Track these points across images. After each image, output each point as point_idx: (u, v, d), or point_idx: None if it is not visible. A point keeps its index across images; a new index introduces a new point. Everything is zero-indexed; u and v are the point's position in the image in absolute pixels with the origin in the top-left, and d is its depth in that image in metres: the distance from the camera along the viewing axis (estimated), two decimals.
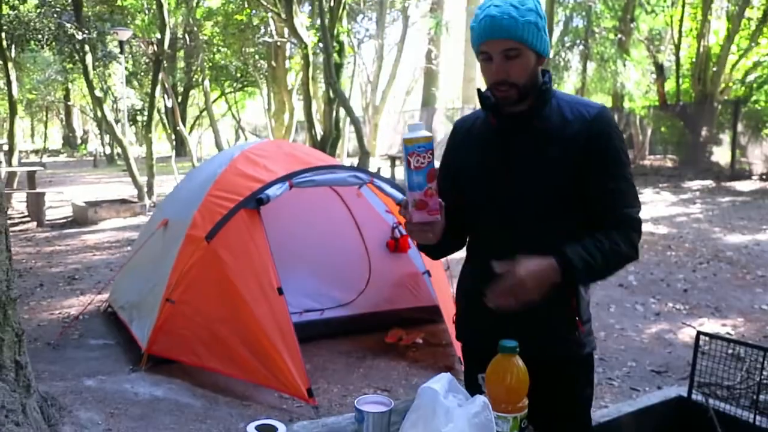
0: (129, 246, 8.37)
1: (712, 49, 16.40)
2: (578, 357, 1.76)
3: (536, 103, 1.67)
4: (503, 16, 1.55)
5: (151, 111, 12.10)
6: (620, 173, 1.66)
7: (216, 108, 29.40)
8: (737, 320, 5.23)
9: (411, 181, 1.55)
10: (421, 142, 1.53)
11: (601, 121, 1.65)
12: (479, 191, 1.75)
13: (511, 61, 1.59)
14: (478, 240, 1.81)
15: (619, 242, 1.62)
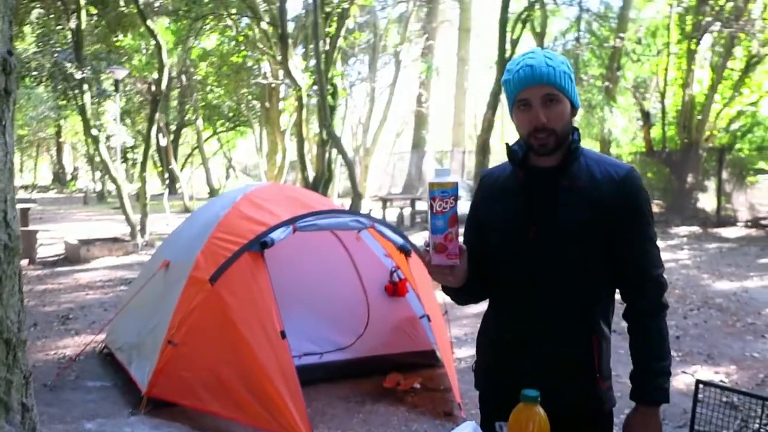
0: (122, 285, 8.36)
1: (697, 97, 16.82)
2: (598, 412, 1.79)
3: (565, 159, 1.72)
4: (541, 65, 1.65)
5: (147, 149, 12.18)
6: (647, 235, 1.72)
7: (207, 147, 29.58)
8: (730, 368, 5.29)
9: (433, 225, 1.60)
10: (446, 188, 1.59)
11: (629, 183, 1.70)
12: (503, 245, 1.79)
13: (550, 107, 1.65)
14: (502, 292, 1.84)
15: (660, 325, 1.73)
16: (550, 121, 1.66)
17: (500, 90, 14.99)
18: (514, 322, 1.80)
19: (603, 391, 1.77)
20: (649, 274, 1.72)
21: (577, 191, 1.71)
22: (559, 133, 1.67)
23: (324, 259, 5.33)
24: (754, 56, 15.72)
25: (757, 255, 11.02)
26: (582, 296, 1.71)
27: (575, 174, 1.72)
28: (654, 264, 1.73)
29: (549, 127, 1.66)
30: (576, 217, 1.69)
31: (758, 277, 8.98)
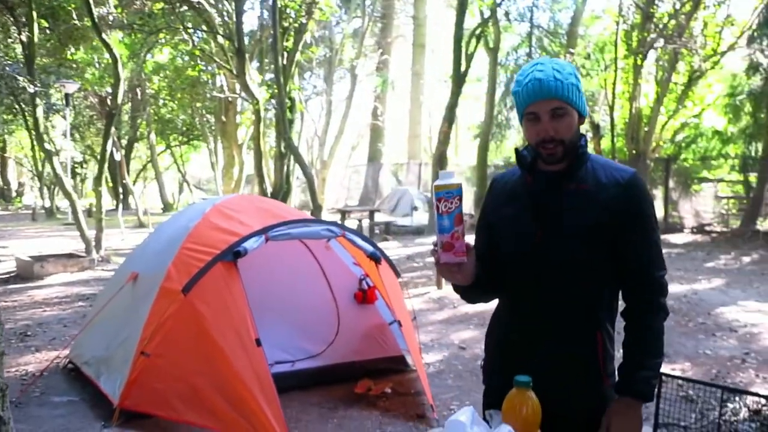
0: (80, 301, 8.21)
1: (643, 110, 17.45)
2: (602, 409, 1.82)
3: (573, 164, 1.77)
4: (549, 78, 1.69)
5: (102, 164, 11.97)
6: (651, 238, 1.77)
7: (160, 161, 29.16)
8: (685, 365, 5.53)
9: (439, 225, 1.67)
10: (450, 189, 1.65)
11: (634, 187, 1.76)
12: (510, 247, 1.85)
13: (558, 119, 1.71)
14: (509, 293, 1.90)
15: (656, 324, 1.78)
16: (558, 133, 1.72)
17: (456, 103, 15.30)
18: (520, 323, 1.86)
19: (607, 388, 1.82)
20: (650, 275, 1.77)
21: (583, 195, 1.76)
22: (567, 143, 1.73)
23: (294, 268, 5.38)
24: (696, 71, 16.42)
25: (704, 259, 11.49)
26: (586, 296, 1.77)
27: (582, 178, 1.78)
28: (656, 266, 1.78)
29: (557, 138, 1.72)
30: (581, 220, 1.74)
31: (706, 279, 9.37)
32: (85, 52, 16.69)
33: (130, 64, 18.50)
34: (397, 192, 21.60)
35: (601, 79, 18.20)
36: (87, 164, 30.97)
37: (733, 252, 12.36)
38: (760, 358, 5.71)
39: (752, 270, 10.30)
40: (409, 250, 13.06)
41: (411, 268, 10.42)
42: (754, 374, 5.30)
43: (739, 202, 16.65)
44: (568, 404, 1.79)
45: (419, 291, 8.41)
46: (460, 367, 5.53)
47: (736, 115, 17.76)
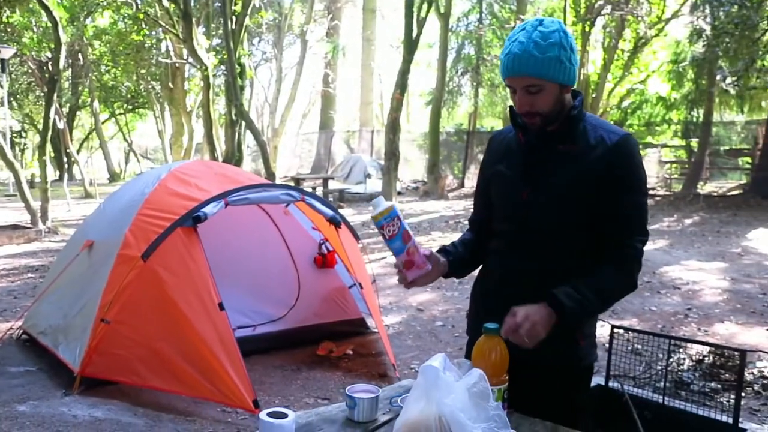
0: (29, 272, 8.01)
1: (591, 77, 17.79)
2: (578, 367, 1.87)
3: (564, 125, 1.77)
4: (524, 54, 1.65)
5: (45, 133, 11.55)
6: (635, 200, 1.73)
7: (105, 130, 28.29)
8: (632, 321, 5.79)
9: (392, 248, 1.75)
10: (386, 213, 1.72)
11: (620, 149, 1.73)
12: (501, 200, 1.89)
13: (533, 95, 1.69)
14: (497, 245, 1.93)
15: (615, 279, 1.73)
16: (534, 107, 1.71)
17: (408, 69, 15.28)
18: (501, 276, 1.90)
19: (581, 347, 1.84)
20: (626, 242, 1.74)
21: (571, 156, 1.76)
22: (545, 114, 1.72)
23: (253, 233, 5.37)
24: (642, 38, 16.80)
25: (648, 222, 11.89)
26: (567, 258, 1.78)
27: (573, 139, 1.77)
28: (637, 231, 1.74)
29: (534, 111, 1.72)
30: (566, 181, 1.74)
31: (650, 241, 9.61)
32: (21, 14, 15.93)
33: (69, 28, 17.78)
34: (350, 159, 21.55)
35: None
36: (26, 134, 29.86)
37: (676, 214, 12.85)
38: (701, 313, 6.01)
39: (693, 231, 10.74)
40: (364, 217, 13.11)
41: (367, 234, 10.48)
42: (696, 328, 5.59)
43: (681, 167, 17.26)
44: (545, 360, 1.81)
45: (376, 256, 8.49)
46: (419, 328, 5.65)
47: (679, 82, 18.28)
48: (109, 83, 25.08)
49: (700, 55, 14.70)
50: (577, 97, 1.79)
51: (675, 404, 3.24)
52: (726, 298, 6.47)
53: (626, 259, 1.75)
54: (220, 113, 21.00)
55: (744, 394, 3.99)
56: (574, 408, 1.92)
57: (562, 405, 1.88)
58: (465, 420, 1.51)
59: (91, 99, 23.90)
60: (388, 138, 15.89)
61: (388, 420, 1.79)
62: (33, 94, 25.55)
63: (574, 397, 1.92)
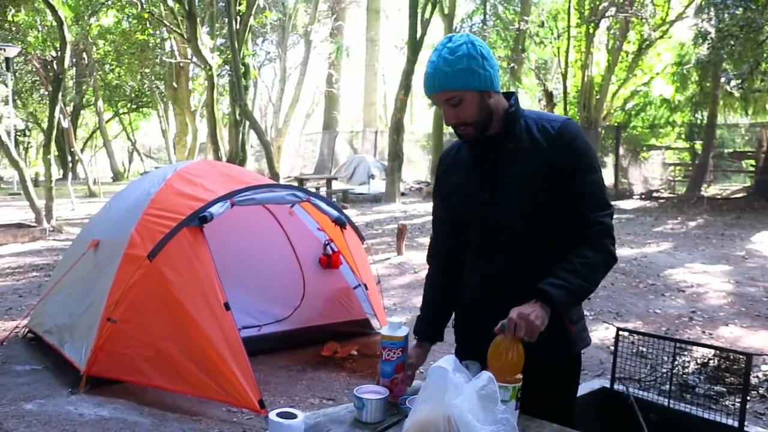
0: (34, 271, 8.03)
1: (595, 78, 17.76)
2: (569, 355, 1.93)
3: (506, 125, 1.84)
4: (435, 72, 1.75)
5: (50, 132, 11.57)
6: (589, 178, 1.79)
7: (108, 129, 28.34)
8: (636, 323, 5.79)
9: (382, 369, 1.87)
10: (394, 340, 1.85)
11: (565, 134, 1.80)
12: (464, 210, 1.95)
13: (456, 107, 1.78)
14: (470, 254, 1.98)
15: (591, 257, 1.76)
16: (461, 117, 1.79)
17: (412, 70, 15.30)
18: (482, 280, 1.94)
19: (572, 334, 1.90)
20: (590, 216, 1.78)
21: (520, 153, 1.82)
22: (474, 122, 1.80)
23: (258, 234, 5.38)
24: (646, 40, 16.76)
25: (652, 224, 11.90)
26: (542, 250, 1.82)
27: (517, 137, 1.84)
28: (598, 207, 1.79)
29: (461, 121, 1.80)
30: (522, 177, 1.81)
31: (654, 243, 9.73)
32: (26, 13, 15.97)
33: (74, 27, 17.83)
34: (354, 160, 21.56)
35: (554, 48, 18.40)
36: (30, 133, 29.92)
37: (680, 217, 12.83)
38: (705, 315, 6.00)
39: (698, 234, 10.73)
40: (368, 217, 13.13)
41: (371, 235, 10.49)
42: (701, 330, 5.59)
43: (685, 169, 17.22)
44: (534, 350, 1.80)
45: (380, 257, 8.50)
46: None
47: (683, 84, 18.24)
48: (113, 82, 25.11)
49: (704, 58, 14.67)
50: (512, 97, 1.87)
51: (680, 407, 3.24)
52: (730, 301, 6.46)
53: (597, 235, 1.79)
54: (224, 113, 21.03)
55: (749, 397, 3.98)
56: (568, 398, 1.98)
57: (557, 397, 1.94)
58: (473, 422, 1.51)
59: (95, 98, 23.95)
60: (391, 139, 15.90)
61: (396, 421, 1.80)
62: (37, 93, 25.60)
63: (568, 387, 1.98)
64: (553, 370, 1.91)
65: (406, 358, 1.88)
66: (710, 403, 3.77)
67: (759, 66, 12.55)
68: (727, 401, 3.80)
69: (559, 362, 1.92)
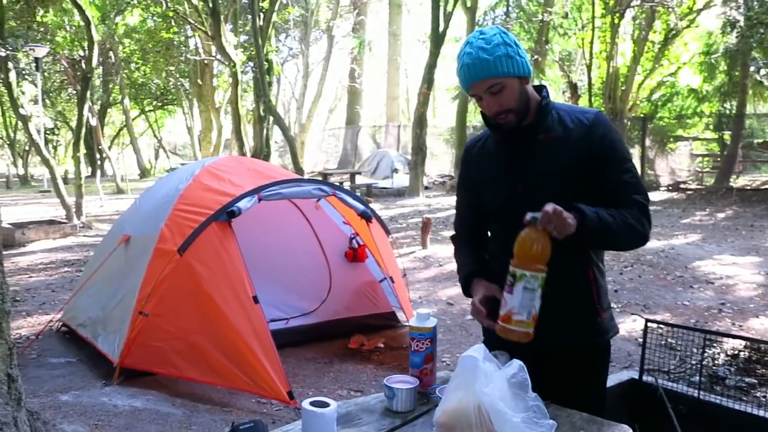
0: (66, 267, 8.20)
1: (620, 69, 17.56)
2: (601, 342, 1.96)
3: (538, 117, 1.87)
4: (475, 61, 1.77)
5: (79, 130, 11.78)
6: (625, 167, 1.84)
7: (135, 126, 28.73)
8: (665, 315, 5.74)
9: (411, 360, 1.91)
10: (422, 331, 1.88)
11: (599, 125, 1.84)
12: (494, 201, 1.95)
13: (497, 95, 1.80)
14: (500, 244, 1.97)
15: (629, 217, 1.79)
16: (502, 105, 1.81)
17: (435, 64, 15.26)
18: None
19: (605, 321, 1.94)
20: (634, 199, 1.82)
21: (554, 142, 1.85)
22: (516, 108, 1.82)
23: (285, 228, 5.44)
24: (672, 29, 16.52)
25: (680, 216, 11.76)
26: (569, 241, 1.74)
27: (549, 127, 1.87)
28: (635, 191, 1.83)
29: (503, 109, 1.82)
30: (557, 165, 1.83)
31: (682, 235, 9.62)
32: (54, 14, 16.25)
33: (101, 27, 18.09)
34: (377, 154, 21.59)
35: (578, 39, 18.21)
36: (59, 131, 30.43)
37: (708, 208, 12.66)
38: (735, 307, 5.93)
39: (726, 225, 10.58)
40: (392, 211, 13.16)
41: (395, 229, 10.52)
42: (730, 323, 5.52)
43: (714, 160, 16.96)
44: (569, 338, 1.90)
45: (405, 251, 8.52)
46: (449, 321, 5.67)
47: (711, 74, 17.95)
48: (139, 80, 25.46)
49: (733, 46, 14.42)
50: (542, 90, 1.90)
51: (710, 398, 3.22)
52: (761, 292, 6.37)
53: (639, 213, 1.82)
54: (248, 109, 21.19)
55: None
56: (598, 388, 2.00)
57: (588, 385, 1.96)
58: (505, 409, 1.53)
59: (122, 96, 24.28)
60: (414, 133, 15.89)
61: (426, 410, 1.82)
62: (65, 92, 26.02)
63: (598, 376, 1.99)
64: (584, 354, 1.93)
65: (434, 349, 1.91)
66: (741, 394, 3.74)
67: None
68: (759, 392, 3.76)
69: (590, 345, 1.94)
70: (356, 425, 1.77)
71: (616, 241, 1.82)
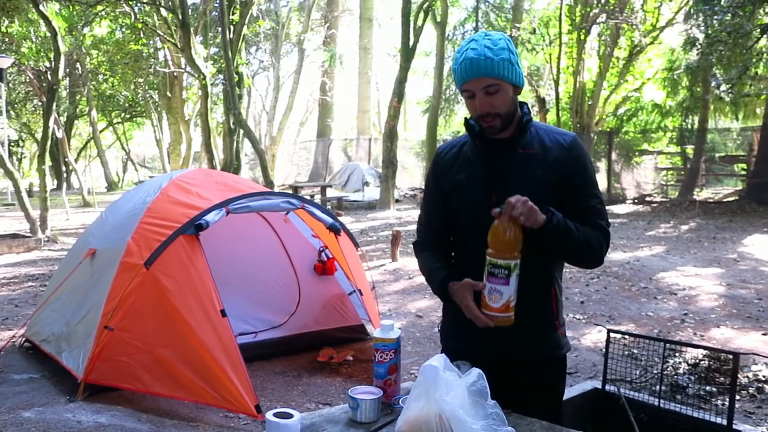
0: (30, 281, 8.04)
1: (587, 84, 17.90)
2: (558, 357, 1.98)
3: (518, 131, 1.90)
4: (480, 57, 1.78)
5: (45, 142, 11.61)
6: (594, 192, 1.92)
7: (102, 139, 28.35)
8: (629, 326, 5.85)
9: (375, 371, 1.92)
10: (386, 342, 1.90)
11: (576, 148, 1.91)
12: (467, 208, 1.96)
13: (492, 96, 1.82)
14: (467, 253, 1.99)
15: (592, 236, 1.87)
16: (493, 107, 1.83)
17: (405, 78, 15.39)
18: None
19: (561, 336, 1.99)
20: (595, 222, 1.89)
21: (531, 158, 1.89)
22: (503, 115, 1.85)
23: (253, 242, 5.43)
24: (636, 46, 16.93)
25: (645, 228, 11.99)
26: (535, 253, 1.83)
27: (528, 143, 1.91)
28: (600, 216, 1.91)
29: (492, 112, 1.84)
30: (532, 181, 1.87)
31: (647, 247, 9.81)
32: (20, 24, 16.00)
33: (68, 37, 17.87)
34: (348, 167, 21.63)
35: (546, 54, 18.55)
36: (24, 143, 29.90)
37: (672, 221, 12.93)
38: (697, 318, 6.07)
39: (690, 237, 10.82)
40: (363, 224, 13.18)
41: (365, 242, 10.54)
42: (692, 333, 5.65)
43: (678, 173, 17.35)
44: (528, 353, 1.95)
45: (375, 264, 8.54)
46: (418, 334, 5.71)
47: (674, 89, 18.42)
48: (107, 92, 25.15)
49: (694, 63, 14.82)
50: (524, 107, 1.95)
51: (670, 407, 3.29)
52: (722, 303, 6.53)
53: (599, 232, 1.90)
54: (218, 122, 21.08)
55: (739, 397, 4.05)
56: (556, 398, 2.04)
57: (546, 395, 2.00)
58: (465, 417, 1.56)
59: (89, 108, 23.96)
60: (385, 146, 15.97)
61: (390, 421, 1.84)
62: (31, 104, 25.61)
63: (555, 387, 2.03)
64: (543, 367, 1.97)
65: (398, 360, 1.93)
66: (700, 402, 3.83)
67: (748, 71, 12.69)
68: (717, 401, 3.86)
69: (548, 359, 1.97)
70: None
71: (575, 251, 1.87)
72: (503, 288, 1.74)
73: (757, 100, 16.14)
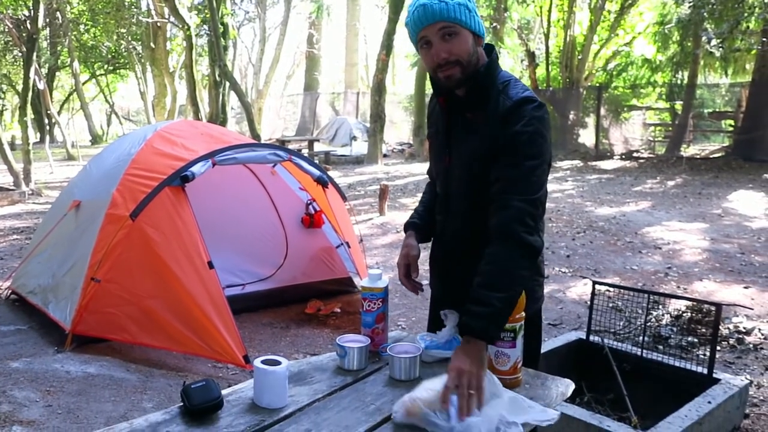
0: (15, 234, 7.99)
1: (577, 38, 17.72)
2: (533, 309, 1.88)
3: (471, 89, 1.77)
4: (433, 2, 1.67)
5: (26, 93, 11.38)
6: (517, 161, 1.67)
7: (85, 91, 27.83)
8: (614, 279, 5.92)
9: (363, 320, 1.92)
10: (374, 291, 1.89)
11: (513, 113, 1.69)
12: (434, 163, 1.99)
13: (449, 41, 1.69)
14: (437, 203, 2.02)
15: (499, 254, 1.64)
16: (452, 53, 1.69)
17: (394, 30, 15.13)
18: (439, 243, 2.02)
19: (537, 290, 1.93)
20: (507, 199, 1.66)
21: (475, 124, 1.78)
22: (464, 62, 1.71)
23: (240, 194, 5.39)
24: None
25: (632, 184, 12.05)
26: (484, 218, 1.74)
27: (479, 105, 1.77)
28: (517, 190, 1.65)
29: (451, 59, 1.70)
30: (470, 149, 1.78)
31: (633, 202, 9.88)
32: None
33: None
34: (336, 122, 21.45)
35: (536, 7, 18.28)
36: (5, 95, 29.32)
37: (659, 176, 12.99)
38: (680, 271, 6.15)
39: (676, 193, 10.89)
40: (350, 179, 13.14)
41: (353, 196, 10.53)
42: (676, 286, 5.73)
43: (666, 129, 17.36)
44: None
45: (363, 218, 8.55)
46: None
47: (664, 44, 18.26)
48: (89, 43, 24.58)
49: (685, 17, 14.67)
50: (492, 54, 1.81)
51: (653, 356, 3.36)
52: (705, 257, 6.61)
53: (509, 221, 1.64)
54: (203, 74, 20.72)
55: (719, 347, 4.13)
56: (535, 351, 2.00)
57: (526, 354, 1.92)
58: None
59: (71, 59, 23.42)
60: (373, 100, 15.81)
61: (377, 368, 1.86)
62: (10, 54, 24.98)
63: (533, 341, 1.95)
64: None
65: (386, 309, 1.94)
66: (682, 353, 3.91)
67: (739, 25, 12.59)
68: (699, 351, 3.93)
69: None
70: (308, 383, 1.80)
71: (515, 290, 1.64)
72: (510, 351, 1.72)
73: (747, 56, 16.07)
